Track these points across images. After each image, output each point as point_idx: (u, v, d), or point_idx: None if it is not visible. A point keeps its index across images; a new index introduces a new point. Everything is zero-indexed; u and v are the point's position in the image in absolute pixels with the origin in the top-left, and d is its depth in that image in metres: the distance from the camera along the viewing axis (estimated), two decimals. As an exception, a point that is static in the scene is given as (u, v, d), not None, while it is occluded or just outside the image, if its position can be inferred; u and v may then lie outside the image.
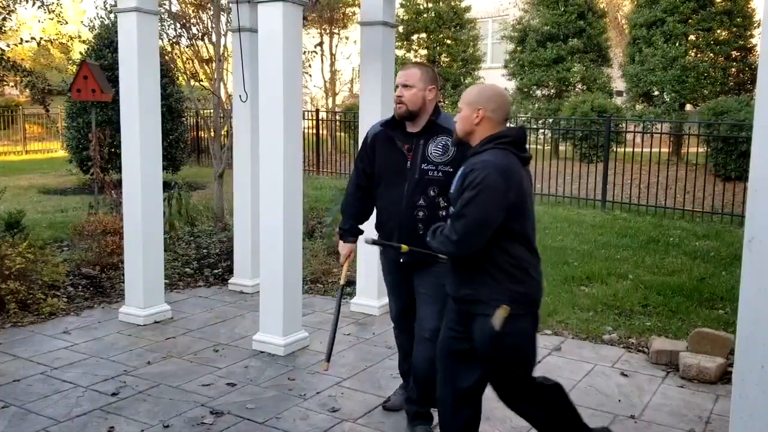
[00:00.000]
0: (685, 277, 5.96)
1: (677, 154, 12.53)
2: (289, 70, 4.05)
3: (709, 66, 13.58)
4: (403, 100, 3.00)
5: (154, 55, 4.72)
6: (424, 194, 2.98)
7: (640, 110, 14.19)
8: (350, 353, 4.25)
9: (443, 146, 2.99)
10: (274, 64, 4.03)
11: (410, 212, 3.00)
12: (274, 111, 4.07)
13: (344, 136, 14.57)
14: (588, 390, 3.76)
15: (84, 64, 6.72)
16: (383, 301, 5.13)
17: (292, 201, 4.18)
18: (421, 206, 2.98)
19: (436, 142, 3.00)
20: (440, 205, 2.97)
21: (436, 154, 2.98)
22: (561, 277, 5.92)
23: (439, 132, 3.01)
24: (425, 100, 3.01)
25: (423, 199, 2.98)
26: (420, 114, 3.02)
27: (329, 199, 9.12)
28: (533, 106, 15.91)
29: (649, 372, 4.04)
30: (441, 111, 3.10)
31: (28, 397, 3.52)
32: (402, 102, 3.00)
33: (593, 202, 9.97)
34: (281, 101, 4.03)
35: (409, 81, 3.00)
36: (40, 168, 15.04)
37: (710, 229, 8.14)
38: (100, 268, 5.80)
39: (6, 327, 4.60)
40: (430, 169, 2.98)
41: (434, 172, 2.97)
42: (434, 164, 2.97)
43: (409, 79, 3.00)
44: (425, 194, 2.98)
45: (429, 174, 2.98)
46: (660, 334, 4.58)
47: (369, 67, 4.91)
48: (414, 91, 2.99)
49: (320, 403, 3.51)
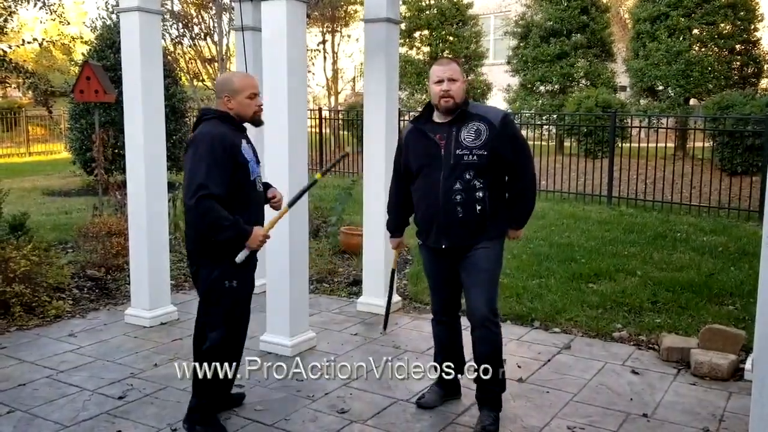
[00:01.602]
0: (694, 273, 5.91)
1: (682, 149, 12.46)
2: (293, 69, 4.01)
3: (714, 60, 13.50)
4: (452, 93, 3.13)
5: (158, 55, 4.68)
6: (461, 178, 3.10)
7: (644, 105, 14.13)
8: (357, 353, 4.22)
9: (476, 131, 3.12)
10: (278, 62, 3.99)
11: (448, 197, 3.11)
12: (278, 110, 4.03)
13: (347, 134, 14.52)
14: (599, 388, 3.72)
15: (86, 65, 6.70)
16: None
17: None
18: (458, 190, 3.10)
19: (468, 128, 3.14)
20: (476, 187, 3.11)
21: (469, 139, 3.11)
22: (568, 274, 5.88)
23: (470, 119, 3.16)
24: (465, 91, 3.23)
25: (459, 182, 3.10)
26: (461, 105, 3.18)
27: (333, 199, 9.09)
28: (537, 102, 15.85)
29: (660, 369, 4.00)
30: (468, 99, 3.28)
31: (34, 401, 3.49)
32: (450, 96, 3.13)
33: (599, 198, 9.92)
34: (286, 100, 3.99)
35: (454, 75, 3.14)
36: (44, 170, 15.05)
37: (717, 224, 8.09)
38: (105, 269, 5.77)
39: (11, 330, 4.58)
40: (465, 153, 3.10)
41: (469, 156, 3.10)
42: (468, 149, 3.10)
43: (455, 74, 3.15)
44: (461, 178, 3.10)
45: (464, 159, 3.10)
46: (670, 331, 4.54)
47: (373, 65, 4.87)
48: (458, 84, 3.14)
49: (329, 405, 3.47)
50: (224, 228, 2.92)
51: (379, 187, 4.90)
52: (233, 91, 3.10)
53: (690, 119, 12.22)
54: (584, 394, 3.66)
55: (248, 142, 3.17)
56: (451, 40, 17.39)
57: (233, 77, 3.19)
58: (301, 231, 4.20)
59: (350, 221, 7.66)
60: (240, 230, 2.97)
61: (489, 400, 3.23)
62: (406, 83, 16.90)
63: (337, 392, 3.63)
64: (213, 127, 3.04)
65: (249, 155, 3.10)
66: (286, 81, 3.97)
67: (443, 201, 3.12)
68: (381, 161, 4.90)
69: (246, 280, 3.22)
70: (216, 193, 2.89)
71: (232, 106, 3.11)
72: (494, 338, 3.20)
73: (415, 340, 4.46)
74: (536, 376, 3.88)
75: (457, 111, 3.16)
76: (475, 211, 3.11)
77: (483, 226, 3.14)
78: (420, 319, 4.90)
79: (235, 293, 3.13)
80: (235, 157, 2.99)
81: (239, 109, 3.11)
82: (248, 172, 3.08)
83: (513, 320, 4.87)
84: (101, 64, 8.00)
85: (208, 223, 2.93)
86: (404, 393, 3.61)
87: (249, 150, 3.12)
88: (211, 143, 2.94)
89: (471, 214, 3.11)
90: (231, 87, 3.11)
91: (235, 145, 3.02)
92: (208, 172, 2.89)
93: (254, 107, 3.15)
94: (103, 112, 10.06)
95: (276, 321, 4.21)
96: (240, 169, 3.02)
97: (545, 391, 3.66)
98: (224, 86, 3.13)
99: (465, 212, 3.11)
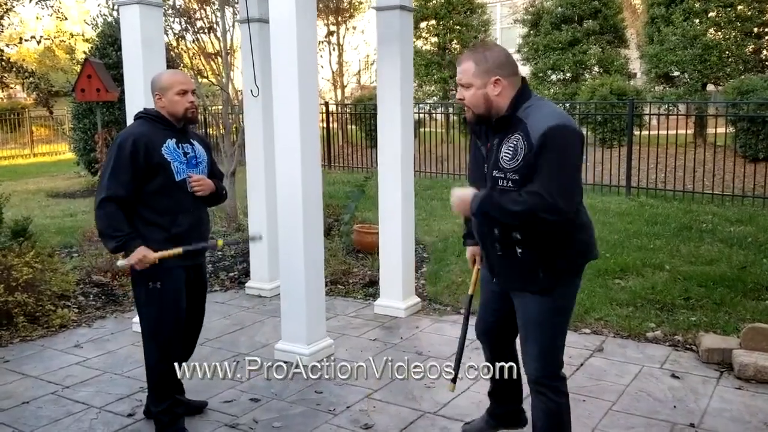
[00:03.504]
0: (725, 266, 5.64)
1: (700, 136, 12.13)
2: (303, 60, 3.76)
3: (732, 44, 13.13)
4: (466, 103, 2.44)
5: (160, 49, 4.45)
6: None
7: (659, 92, 13.78)
8: (378, 361, 3.98)
9: (513, 148, 2.34)
10: (287, 53, 3.74)
11: (485, 229, 2.50)
12: (289, 103, 3.78)
13: (355, 129, 14.26)
14: (639, 396, 3.47)
15: (87, 63, 6.46)
16: (410, 301, 4.87)
17: (311, 199, 3.90)
18: (496, 222, 2.42)
19: (509, 141, 2.36)
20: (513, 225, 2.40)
21: (506, 158, 2.35)
22: (594, 270, 5.61)
23: (516, 128, 2.35)
24: (488, 97, 2.39)
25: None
26: (492, 113, 2.42)
27: (344, 195, 8.86)
28: (549, 92, 15.51)
29: (701, 373, 3.75)
30: (527, 97, 2.41)
31: (38, 421, 3.28)
32: (467, 106, 2.45)
33: (617, 189, 9.63)
34: (296, 92, 3.74)
35: (464, 80, 2.42)
36: (48, 171, 14.89)
37: (743, 214, 7.79)
38: (112, 275, 5.56)
39: (14, 342, 4.37)
40: (500, 177, 2.37)
41: (503, 180, 2.36)
42: (503, 171, 2.36)
43: (464, 77, 2.41)
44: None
45: (499, 183, 2.38)
46: (708, 330, 4.28)
47: (386, 55, 4.62)
48: (473, 92, 2.40)
49: (352, 419, 3.24)
50: (110, 238, 2.84)
51: (395, 179, 4.66)
52: (162, 89, 3.01)
53: (709, 105, 11.86)
54: (624, 402, 3.41)
55: (182, 141, 3.02)
56: (458, 29, 17.07)
57: (162, 75, 3.11)
58: (315, 233, 3.96)
59: (363, 218, 7.43)
60: (124, 245, 2.84)
61: None
62: (414, 75, 16.60)
63: (359, 405, 3.40)
64: (134, 127, 2.98)
65: (173, 155, 2.95)
66: (297, 72, 3.73)
67: (481, 232, 2.53)
68: (396, 153, 4.65)
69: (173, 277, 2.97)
70: (117, 195, 2.83)
71: (163, 104, 3.01)
72: (549, 408, 2.53)
73: (437, 344, 4.22)
74: (570, 383, 3.57)
75: (485, 121, 2.44)
76: (516, 255, 2.42)
77: (531, 274, 2.43)
78: (441, 321, 4.66)
79: (160, 297, 2.94)
80: (149, 158, 2.87)
81: (170, 107, 3.00)
82: (171, 173, 2.94)
83: (540, 321, 4.62)
84: (103, 62, 7.76)
85: (99, 228, 2.88)
86: (431, 405, 3.37)
87: (175, 150, 2.97)
88: (119, 145, 2.88)
89: (511, 256, 2.44)
90: (160, 85, 3.02)
91: (152, 146, 2.90)
92: (112, 174, 2.84)
93: (185, 104, 3.01)
94: (105, 111, 9.85)
95: (292, 328, 3.98)
96: (159, 170, 2.90)
97: (581, 400, 3.42)
98: (154, 84, 3.05)
99: (504, 252, 2.45)
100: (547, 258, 2.40)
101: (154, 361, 3.01)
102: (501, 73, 2.38)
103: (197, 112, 3.15)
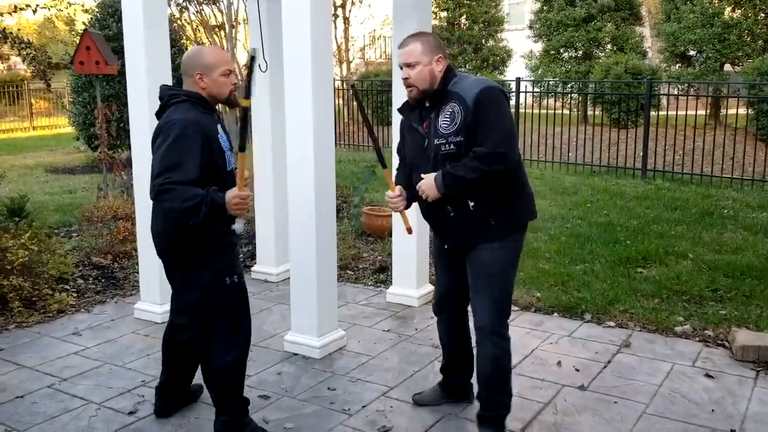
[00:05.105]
0: (752, 255, 5.41)
1: (716, 117, 11.79)
2: (317, 30, 3.48)
3: (753, 23, 12.71)
4: (411, 81, 2.68)
5: (163, 21, 4.16)
6: None
7: (675, 72, 13.40)
8: (393, 355, 3.77)
9: (451, 114, 2.62)
10: (300, 24, 3.46)
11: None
12: (301, 78, 3.51)
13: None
14: (673, 398, 3.26)
15: (86, 34, 6.17)
16: (423, 289, 4.64)
17: (324, 179, 3.64)
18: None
19: (444, 111, 2.65)
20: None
21: (444, 125, 2.63)
22: (615, 258, 5.38)
23: (449, 99, 2.65)
24: (434, 73, 2.68)
25: None
26: (433, 89, 2.69)
27: (351, 175, 8.60)
28: (561, 69, 15.10)
29: (736, 372, 3.53)
30: (454, 75, 2.71)
31: (33, 418, 3.07)
32: (411, 85, 2.69)
33: (632, 172, 9.35)
34: (309, 65, 3.47)
35: (410, 59, 2.67)
36: (47, 145, 14.61)
37: (763, 199, 7.53)
38: (112, 256, 5.34)
39: (9, 328, 4.16)
40: (442, 143, 2.64)
41: (446, 145, 2.63)
42: (444, 136, 2.63)
43: (410, 57, 2.67)
44: None
45: (442, 149, 2.64)
46: (740, 325, 4.06)
47: (402, 27, 4.31)
48: (419, 69, 2.66)
49: (368, 421, 3.03)
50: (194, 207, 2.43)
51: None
52: (206, 68, 2.65)
53: (727, 86, 11.50)
54: (657, 404, 3.20)
55: (223, 128, 2.74)
56: (468, 4, 16.61)
57: (203, 51, 2.73)
58: (327, 213, 3.71)
59: (371, 200, 7.18)
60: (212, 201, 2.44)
61: (488, 419, 2.82)
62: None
63: (375, 404, 3.19)
64: (184, 112, 2.58)
65: (225, 144, 2.68)
66: (310, 43, 3.45)
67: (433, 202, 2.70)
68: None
69: (241, 269, 2.81)
70: (186, 180, 2.44)
71: (204, 85, 2.66)
72: (495, 354, 2.74)
73: (455, 337, 4.00)
74: (599, 382, 3.43)
75: (429, 95, 2.68)
76: (469, 208, 2.65)
77: (482, 224, 2.67)
78: (458, 311, 4.44)
79: (238, 290, 2.74)
80: (212, 148, 2.58)
81: (213, 88, 2.67)
82: (226, 163, 2.66)
83: (561, 312, 4.40)
84: (103, 34, 7.46)
85: (177, 209, 2.46)
86: (453, 405, 3.16)
87: (225, 138, 2.70)
88: (181, 135, 2.49)
89: (464, 213, 2.67)
90: (203, 63, 2.65)
91: (212, 135, 2.59)
92: (181, 163, 2.45)
93: (230, 85, 2.71)
94: (105, 84, 9.54)
95: (301, 318, 3.76)
96: (219, 160, 2.62)
97: (613, 402, 3.21)
98: (194, 62, 2.66)
99: (456, 210, 2.68)
100: (497, 208, 2.66)
101: (232, 361, 2.75)
102: (441, 52, 2.71)
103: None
